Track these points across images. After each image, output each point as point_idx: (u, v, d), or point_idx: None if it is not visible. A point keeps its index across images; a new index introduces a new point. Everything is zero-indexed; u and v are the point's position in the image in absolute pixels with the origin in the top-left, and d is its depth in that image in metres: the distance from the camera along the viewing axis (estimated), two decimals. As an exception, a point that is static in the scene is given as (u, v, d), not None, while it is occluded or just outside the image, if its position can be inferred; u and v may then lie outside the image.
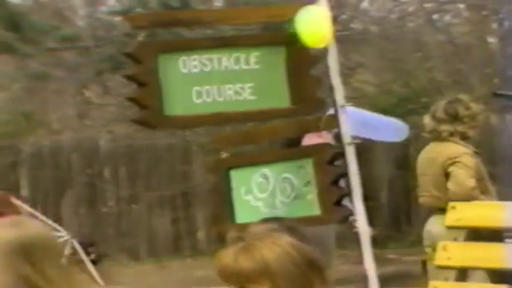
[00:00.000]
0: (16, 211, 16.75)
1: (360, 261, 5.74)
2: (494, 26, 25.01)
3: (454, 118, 8.53)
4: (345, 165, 5.71)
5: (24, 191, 19.83)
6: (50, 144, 20.89)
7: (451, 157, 8.41)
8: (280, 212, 5.74)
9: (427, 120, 8.66)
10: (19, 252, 3.96)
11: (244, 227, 5.80)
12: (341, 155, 5.70)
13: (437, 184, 8.48)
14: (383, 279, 5.58)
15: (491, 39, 24.90)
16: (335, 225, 9.78)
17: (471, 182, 8.31)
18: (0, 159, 20.34)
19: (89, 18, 24.34)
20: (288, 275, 3.45)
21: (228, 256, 3.47)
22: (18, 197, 17.94)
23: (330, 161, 5.66)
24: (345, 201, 5.84)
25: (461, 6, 24.38)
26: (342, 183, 5.84)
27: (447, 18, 25.02)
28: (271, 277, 3.42)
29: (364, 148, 10.20)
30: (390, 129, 7.36)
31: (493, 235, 8.15)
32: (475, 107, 8.71)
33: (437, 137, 8.57)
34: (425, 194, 8.64)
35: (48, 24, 21.75)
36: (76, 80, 22.58)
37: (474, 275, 8.21)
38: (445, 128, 8.51)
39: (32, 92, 23.18)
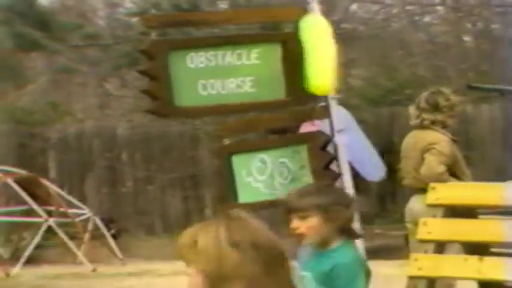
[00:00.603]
0: (45, 191, 16.79)
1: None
2: (469, 26, 25.01)
3: (435, 108, 8.52)
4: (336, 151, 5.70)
5: (52, 173, 19.79)
6: (74, 131, 20.86)
7: (429, 143, 8.42)
8: (279, 192, 5.71)
9: (411, 109, 8.66)
10: None
11: (245, 206, 5.77)
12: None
13: (417, 167, 8.46)
14: (370, 252, 5.57)
15: (466, 38, 24.87)
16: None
17: (440, 168, 8.32)
18: (30, 145, 20.30)
19: (108, 18, 24.31)
20: (210, 255, 3.33)
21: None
22: (47, 178, 17.95)
23: (322, 147, 5.64)
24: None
25: (440, 8, 24.34)
26: (333, 166, 5.82)
27: (427, 19, 25.00)
28: (196, 254, 3.35)
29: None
30: (372, 168, 7.35)
31: (467, 212, 8.14)
32: (454, 98, 8.70)
33: (420, 124, 8.56)
34: (408, 176, 8.63)
35: (72, 24, 21.71)
36: (97, 74, 22.55)
37: (450, 248, 8.19)
38: (427, 116, 8.50)
39: (58, 85, 23.15)
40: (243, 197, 5.73)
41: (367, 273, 4.81)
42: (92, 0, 25.08)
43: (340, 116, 5.80)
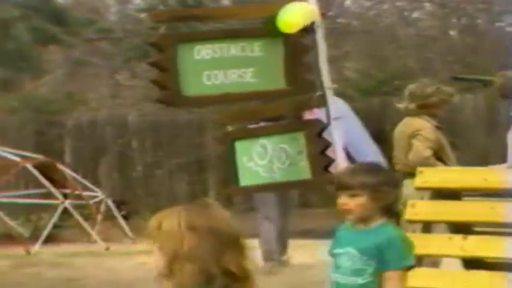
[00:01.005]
0: (61, 175, 16.81)
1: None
2: (455, 21, 25.00)
3: (422, 98, 8.55)
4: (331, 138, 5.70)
5: (68, 158, 19.82)
6: (88, 119, 20.86)
7: (415, 130, 8.45)
8: (277, 176, 5.71)
9: (404, 102, 8.71)
10: None
11: (245, 189, 5.75)
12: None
13: (406, 153, 8.48)
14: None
15: (452, 32, 24.86)
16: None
17: (426, 153, 8.37)
18: (47, 132, 20.30)
19: (119, 14, 24.31)
20: (170, 235, 3.50)
21: None
22: (63, 163, 17.96)
23: (318, 133, 5.63)
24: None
25: (428, 4, 24.35)
26: (329, 152, 5.81)
27: (416, 14, 25.02)
28: (160, 234, 3.53)
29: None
30: (371, 156, 7.29)
31: (452, 194, 8.14)
32: (440, 89, 8.73)
33: (409, 113, 8.58)
34: (399, 162, 8.64)
35: (86, 19, 21.69)
36: (109, 66, 22.55)
37: (436, 228, 8.20)
38: (414, 106, 8.53)
39: (73, 76, 23.15)
40: (244, 181, 5.72)
41: (413, 247, 4.85)
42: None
43: (337, 105, 5.79)
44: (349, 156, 6.18)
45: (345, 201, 4.55)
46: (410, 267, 4.67)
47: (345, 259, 4.56)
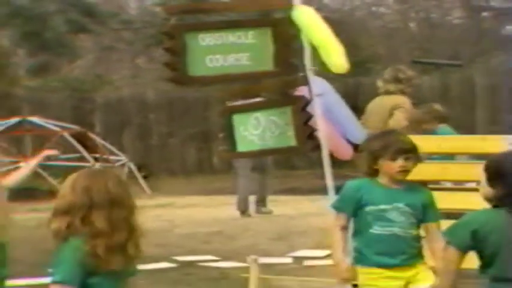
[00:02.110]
0: (93, 143, 16.80)
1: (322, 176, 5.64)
2: (413, 15, 25.02)
3: (397, 80, 8.54)
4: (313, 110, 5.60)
5: (98, 129, 19.79)
6: (114, 97, 20.86)
7: (397, 104, 8.42)
8: (269, 143, 5.61)
9: (379, 82, 8.68)
10: None
11: (242, 154, 5.63)
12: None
13: (386, 121, 8.43)
14: (338, 189, 5.48)
15: (411, 24, 24.87)
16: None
17: (405, 123, 8.33)
18: (81, 107, 20.28)
19: (139, 8, 24.21)
20: (60, 193, 3.51)
21: None
22: (94, 133, 17.93)
23: (303, 108, 5.55)
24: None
25: (391, 0, 24.45)
26: (313, 123, 5.70)
27: (382, 9, 25.02)
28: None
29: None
30: (355, 131, 7.09)
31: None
32: (410, 73, 8.74)
33: (386, 92, 8.54)
34: (374, 129, 8.56)
35: (111, 12, 21.57)
36: (131, 52, 22.44)
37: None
38: (391, 86, 8.50)
39: (101, 60, 23.08)
40: (241, 147, 5.66)
41: None
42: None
43: (318, 84, 5.68)
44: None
45: (403, 164, 4.34)
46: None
47: (397, 214, 4.33)
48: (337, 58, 5.46)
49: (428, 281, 4.23)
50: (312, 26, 5.50)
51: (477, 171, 3.79)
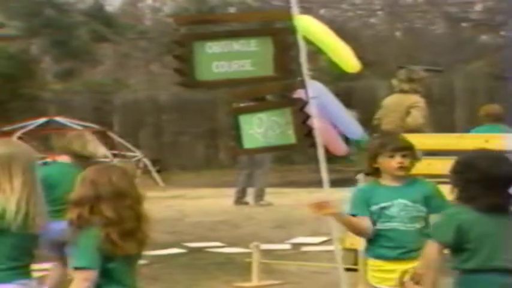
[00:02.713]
0: (112, 140, 16.77)
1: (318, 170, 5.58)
2: (399, 25, 25.02)
3: (411, 80, 8.54)
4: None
5: (116, 128, 19.70)
6: (131, 99, 20.81)
7: (414, 102, 8.40)
8: (271, 140, 5.55)
9: (394, 81, 8.74)
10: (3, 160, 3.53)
11: (247, 151, 5.55)
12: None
13: (403, 118, 8.41)
14: (332, 182, 5.44)
15: (398, 34, 24.87)
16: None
17: (422, 120, 8.34)
18: (102, 108, 20.25)
19: (153, 20, 24.17)
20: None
21: None
22: (112, 131, 17.88)
23: (301, 108, 5.50)
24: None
25: (380, 13, 24.43)
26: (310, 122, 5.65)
27: (372, 20, 24.98)
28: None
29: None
30: (354, 128, 6.98)
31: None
32: (422, 73, 8.78)
33: (401, 90, 8.53)
34: (390, 124, 8.49)
35: (129, 24, 21.56)
36: (146, 59, 22.40)
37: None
38: (405, 85, 8.50)
39: (119, 66, 23.05)
40: (246, 144, 5.59)
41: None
42: (142, 7, 25.10)
43: (314, 87, 5.62)
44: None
45: (401, 160, 4.21)
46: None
47: (397, 210, 4.16)
48: (349, 59, 5.40)
49: None
50: (320, 33, 5.43)
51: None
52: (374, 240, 4.21)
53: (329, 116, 5.79)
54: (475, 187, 3.47)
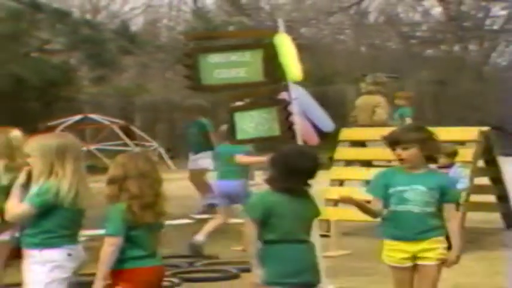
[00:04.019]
0: (133, 133, 16.75)
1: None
2: (364, 41, 25.01)
3: (376, 83, 8.53)
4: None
5: (137, 123, 19.62)
6: (150, 100, 20.75)
7: (378, 102, 8.36)
8: (260, 132, 5.49)
9: (362, 84, 8.68)
10: (54, 151, 3.50)
11: (241, 141, 5.46)
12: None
13: (371, 116, 8.38)
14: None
15: (363, 48, 24.81)
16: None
17: (385, 116, 8.30)
18: (126, 107, 20.21)
19: (168, 36, 24.08)
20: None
21: None
22: (134, 126, 17.84)
23: (284, 107, 5.44)
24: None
25: (348, 30, 24.39)
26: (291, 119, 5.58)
27: (342, 37, 24.95)
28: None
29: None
30: (326, 122, 6.92)
31: (362, 144, 7.98)
32: (384, 78, 8.76)
33: (368, 92, 8.49)
34: (362, 121, 8.46)
35: (148, 40, 21.51)
36: (162, 68, 22.29)
37: (353, 164, 8.04)
38: (373, 88, 8.48)
39: (141, 74, 22.96)
40: (240, 136, 5.54)
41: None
42: (159, 26, 25.07)
43: (295, 90, 5.56)
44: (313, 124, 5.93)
45: (399, 153, 3.83)
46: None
47: (413, 194, 3.78)
48: (294, 70, 5.30)
49: (433, 260, 3.75)
50: (284, 46, 5.37)
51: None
52: (389, 221, 3.86)
53: (306, 112, 5.73)
54: (282, 175, 3.50)
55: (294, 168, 3.50)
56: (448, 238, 3.86)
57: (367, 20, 24.41)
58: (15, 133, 4.70)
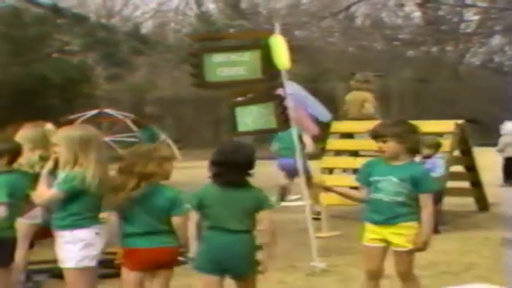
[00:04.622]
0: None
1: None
2: (352, 43, 24.89)
3: (366, 81, 8.46)
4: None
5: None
6: (159, 95, 20.69)
7: (366, 97, 8.29)
8: (259, 125, 5.44)
9: (352, 82, 8.60)
10: (78, 142, 3.50)
11: (241, 133, 5.42)
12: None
13: (360, 110, 8.31)
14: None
15: (351, 49, 24.75)
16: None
17: (372, 110, 8.24)
18: (138, 102, 20.18)
19: (175, 38, 23.98)
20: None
21: None
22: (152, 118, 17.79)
23: (280, 102, 5.40)
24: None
25: (337, 34, 24.29)
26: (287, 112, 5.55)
27: (332, 39, 24.85)
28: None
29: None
30: (323, 114, 6.79)
31: (350, 136, 7.92)
32: (372, 77, 8.69)
33: (357, 88, 8.44)
34: (352, 114, 8.40)
35: (158, 41, 21.42)
36: (170, 66, 22.21)
37: (342, 153, 7.99)
38: (361, 85, 8.42)
39: (151, 72, 22.88)
40: (241, 128, 5.51)
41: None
42: (167, 29, 24.96)
43: (290, 86, 5.52)
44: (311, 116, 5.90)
45: (380, 145, 3.71)
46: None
47: (386, 184, 3.70)
48: (283, 61, 5.26)
49: (403, 247, 3.68)
50: (277, 44, 5.32)
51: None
52: (368, 206, 3.81)
53: (305, 105, 5.70)
54: (220, 168, 3.44)
55: (232, 163, 3.43)
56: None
57: (354, 24, 24.36)
58: (49, 126, 4.77)
